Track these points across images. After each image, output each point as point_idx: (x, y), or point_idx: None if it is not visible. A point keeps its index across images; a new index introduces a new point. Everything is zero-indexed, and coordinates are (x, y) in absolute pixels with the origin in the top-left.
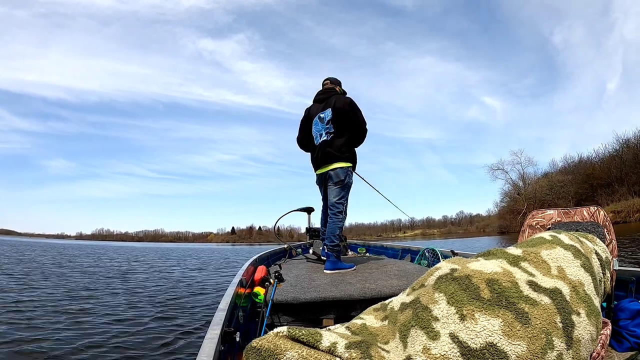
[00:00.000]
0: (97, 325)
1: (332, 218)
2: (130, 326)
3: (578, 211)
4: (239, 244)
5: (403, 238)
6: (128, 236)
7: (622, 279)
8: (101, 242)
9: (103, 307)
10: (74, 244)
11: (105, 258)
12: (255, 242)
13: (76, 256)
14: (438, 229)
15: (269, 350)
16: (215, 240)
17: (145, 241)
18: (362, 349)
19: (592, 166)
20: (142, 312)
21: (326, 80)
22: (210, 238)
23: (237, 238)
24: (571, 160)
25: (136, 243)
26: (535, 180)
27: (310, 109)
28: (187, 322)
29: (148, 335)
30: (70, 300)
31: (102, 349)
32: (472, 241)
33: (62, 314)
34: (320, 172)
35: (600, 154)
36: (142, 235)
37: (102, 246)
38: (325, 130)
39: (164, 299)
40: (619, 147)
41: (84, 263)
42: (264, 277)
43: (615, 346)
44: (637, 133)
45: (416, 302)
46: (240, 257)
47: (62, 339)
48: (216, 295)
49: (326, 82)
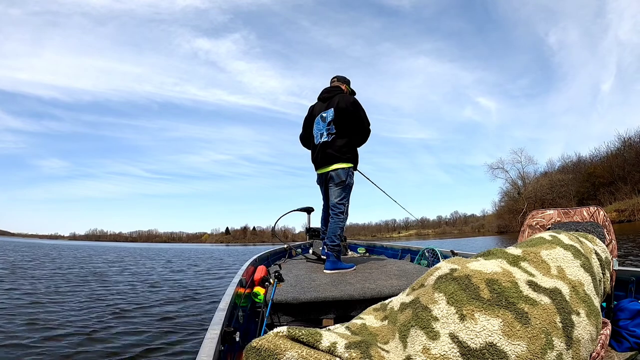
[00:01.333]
0: (97, 325)
1: (334, 218)
2: (130, 326)
3: (578, 211)
4: (233, 244)
5: (398, 238)
6: (122, 236)
7: (622, 279)
8: (95, 242)
9: (103, 307)
10: (66, 244)
11: (110, 259)
12: (249, 242)
13: (89, 257)
14: (432, 229)
15: (268, 350)
16: (209, 240)
17: (139, 242)
18: (362, 349)
19: (593, 165)
20: (142, 312)
21: (333, 78)
22: (204, 238)
23: (232, 238)
24: (569, 160)
25: (130, 243)
26: (535, 179)
27: (314, 107)
28: (187, 321)
29: (148, 336)
30: (73, 295)
31: (103, 349)
32: (471, 241)
33: (67, 309)
34: (321, 172)
35: (601, 153)
36: (136, 235)
37: (100, 247)
38: (326, 130)
39: (164, 299)
40: (621, 146)
41: (97, 264)
42: (264, 277)
43: (615, 346)
44: (638, 132)
45: (416, 302)
46: (232, 258)
47: (59, 337)
48: (211, 295)
49: (333, 79)
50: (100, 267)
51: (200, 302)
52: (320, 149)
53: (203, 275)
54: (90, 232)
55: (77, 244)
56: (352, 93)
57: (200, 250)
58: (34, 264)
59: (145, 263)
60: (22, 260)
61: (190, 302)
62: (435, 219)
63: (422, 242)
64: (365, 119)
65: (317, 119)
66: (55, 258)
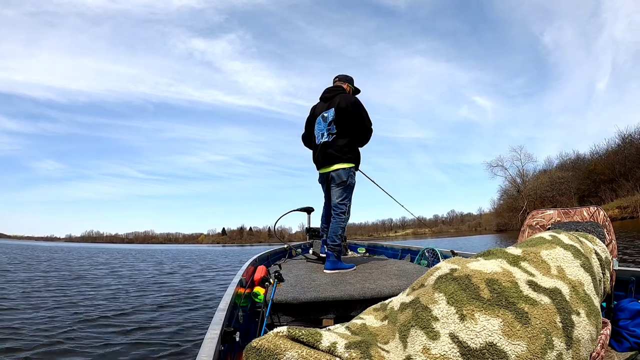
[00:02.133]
0: (96, 325)
1: (336, 218)
2: (130, 326)
3: (578, 211)
4: (230, 245)
5: (394, 237)
6: (118, 238)
7: (622, 279)
8: (91, 244)
9: (104, 307)
10: (61, 246)
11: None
12: (246, 242)
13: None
14: (429, 228)
15: (268, 350)
16: (205, 241)
17: (136, 243)
18: (362, 348)
19: (593, 162)
20: (142, 312)
21: (336, 77)
22: (200, 239)
23: (228, 239)
24: (567, 157)
25: (126, 245)
26: (535, 177)
27: (316, 107)
28: (186, 322)
29: (148, 335)
30: (70, 294)
31: (102, 349)
32: (470, 240)
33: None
34: (322, 172)
35: (601, 150)
36: (132, 237)
37: (95, 249)
38: (327, 130)
39: (163, 299)
40: (622, 143)
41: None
42: (264, 277)
43: (615, 346)
44: (638, 128)
45: (416, 302)
46: (227, 259)
47: (56, 338)
48: (196, 299)
49: (335, 79)
50: (86, 270)
51: (181, 307)
52: (321, 149)
53: (195, 278)
54: (87, 234)
55: (73, 246)
56: (355, 92)
57: (195, 251)
58: (18, 267)
59: (135, 264)
60: (11, 262)
61: (189, 302)
62: (432, 218)
63: (420, 241)
64: (366, 119)
65: (318, 119)
66: (43, 261)
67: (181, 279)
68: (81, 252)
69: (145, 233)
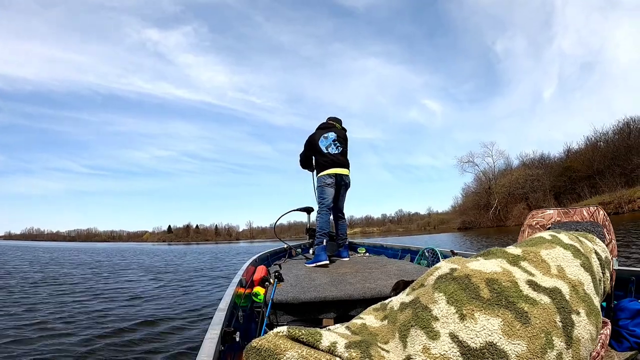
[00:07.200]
0: (95, 325)
1: (342, 220)
2: (130, 325)
3: (578, 211)
4: (176, 243)
5: None
6: (60, 236)
7: (622, 278)
8: (31, 242)
9: (104, 308)
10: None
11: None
12: (192, 241)
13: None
14: (377, 227)
15: (269, 350)
16: (151, 239)
17: (78, 241)
18: (362, 348)
19: (569, 159)
20: (142, 312)
21: (330, 118)
22: (145, 237)
23: (174, 237)
24: (527, 157)
25: (68, 243)
26: (501, 173)
27: (315, 134)
28: (186, 321)
29: (147, 336)
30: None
31: (101, 349)
32: (434, 237)
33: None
34: (341, 173)
35: (572, 149)
36: (75, 234)
37: (33, 247)
38: (334, 144)
39: (163, 299)
40: (597, 141)
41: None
42: (264, 277)
43: (615, 346)
44: (615, 126)
45: (416, 301)
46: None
47: (51, 338)
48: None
49: (330, 120)
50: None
51: (201, 302)
52: (337, 155)
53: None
54: (27, 231)
55: (10, 244)
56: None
57: (138, 249)
58: None
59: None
60: None
61: (188, 303)
62: (380, 217)
63: (420, 241)
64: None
65: (321, 138)
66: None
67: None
68: (15, 252)
69: (88, 230)
